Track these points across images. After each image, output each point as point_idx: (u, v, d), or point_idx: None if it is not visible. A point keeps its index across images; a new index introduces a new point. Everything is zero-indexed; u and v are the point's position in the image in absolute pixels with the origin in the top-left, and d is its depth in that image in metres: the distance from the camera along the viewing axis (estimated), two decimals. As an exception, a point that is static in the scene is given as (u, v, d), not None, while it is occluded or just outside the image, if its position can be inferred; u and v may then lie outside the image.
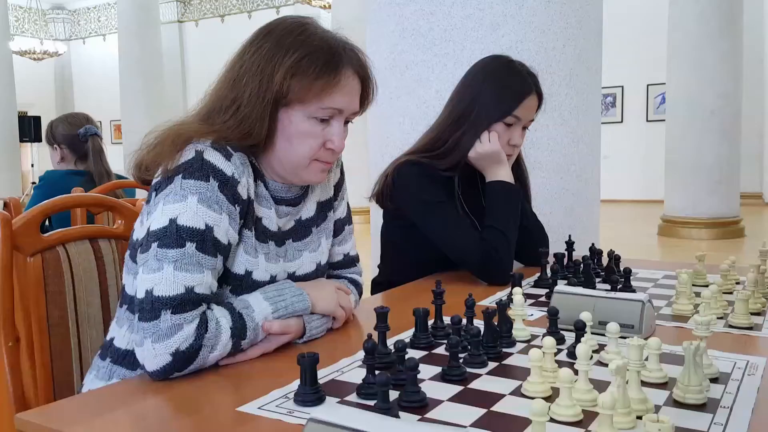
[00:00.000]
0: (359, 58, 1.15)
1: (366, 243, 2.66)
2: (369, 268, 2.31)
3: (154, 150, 1.10)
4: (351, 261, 1.39)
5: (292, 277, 1.21)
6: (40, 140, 11.52)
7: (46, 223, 2.49)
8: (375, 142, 2.60)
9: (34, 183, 9.01)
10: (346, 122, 1.17)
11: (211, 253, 1.03)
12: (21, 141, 11.00)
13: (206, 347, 0.99)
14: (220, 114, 1.10)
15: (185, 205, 1.02)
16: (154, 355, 0.96)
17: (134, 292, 1.03)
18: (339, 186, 1.35)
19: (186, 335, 0.97)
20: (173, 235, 1.00)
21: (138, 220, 1.15)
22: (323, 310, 1.17)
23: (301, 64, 1.07)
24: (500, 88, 1.67)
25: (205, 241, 1.02)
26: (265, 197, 1.16)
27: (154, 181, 1.09)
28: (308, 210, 1.25)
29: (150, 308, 0.98)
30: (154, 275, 0.99)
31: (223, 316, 1.03)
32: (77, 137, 2.83)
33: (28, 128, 11.78)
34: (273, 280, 1.16)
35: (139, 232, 1.11)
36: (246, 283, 1.12)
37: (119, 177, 2.88)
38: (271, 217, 1.16)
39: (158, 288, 0.98)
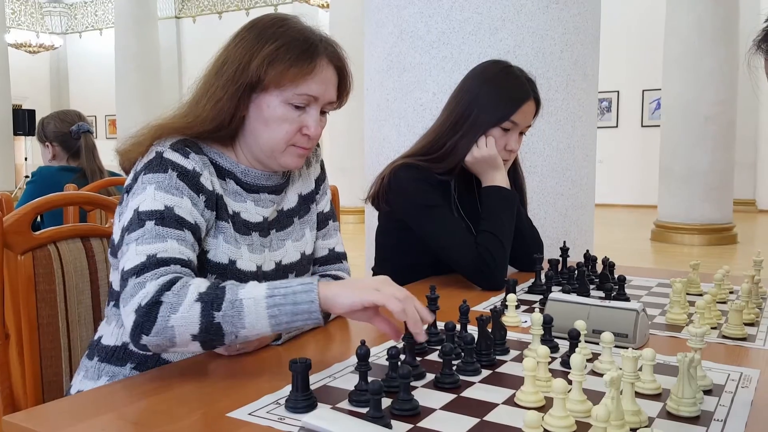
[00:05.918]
0: (335, 50, 1.19)
1: (361, 245, 2.66)
2: (364, 270, 2.30)
3: (134, 147, 1.15)
4: (337, 257, 1.40)
5: (279, 265, 1.23)
6: (34, 134, 11.46)
7: (38, 219, 2.47)
8: (371, 144, 2.59)
9: (27, 177, 8.97)
10: (323, 113, 1.20)
11: (173, 227, 1.05)
12: (15, 134, 10.96)
13: (166, 304, 0.95)
14: (200, 100, 1.15)
15: (145, 194, 1.06)
16: (126, 318, 0.97)
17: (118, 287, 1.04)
18: (320, 181, 1.39)
19: (147, 292, 0.97)
20: (135, 221, 1.05)
21: (115, 220, 1.16)
22: (351, 301, 0.97)
23: (279, 52, 1.12)
24: (498, 93, 1.67)
25: (165, 218, 1.05)
26: (237, 192, 1.18)
27: (126, 183, 1.13)
28: (290, 201, 1.29)
29: (123, 285, 1.00)
30: (123, 258, 1.03)
31: (194, 283, 0.98)
32: (69, 134, 2.80)
33: (22, 121, 11.72)
34: (259, 269, 1.18)
35: (116, 233, 1.14)
36: (230, 272, 1.13)
37: (112, 174, 2.86)
38: (249, 209, 1.19)
39: (126, 265, 1.01)
